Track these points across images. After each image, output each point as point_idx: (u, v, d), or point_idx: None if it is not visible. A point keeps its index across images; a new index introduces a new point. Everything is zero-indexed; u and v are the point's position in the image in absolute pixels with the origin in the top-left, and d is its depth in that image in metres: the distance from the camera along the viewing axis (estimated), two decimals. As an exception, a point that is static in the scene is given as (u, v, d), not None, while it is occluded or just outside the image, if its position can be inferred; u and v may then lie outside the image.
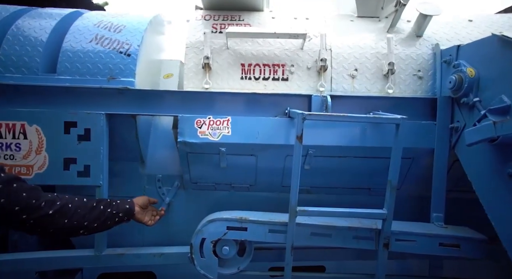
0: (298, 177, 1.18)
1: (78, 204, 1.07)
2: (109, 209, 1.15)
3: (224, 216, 1.29)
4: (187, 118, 1.35)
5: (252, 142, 1.34)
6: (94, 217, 1.10)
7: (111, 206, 1.16)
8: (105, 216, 1.13)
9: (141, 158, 1.55)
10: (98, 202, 1.14)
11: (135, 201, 1.26)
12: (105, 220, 1.14)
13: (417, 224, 1.31)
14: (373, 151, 1.37)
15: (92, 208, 1.11)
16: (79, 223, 1.06)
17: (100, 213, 1.12)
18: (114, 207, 1.17)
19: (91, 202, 1.12)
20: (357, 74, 1.47)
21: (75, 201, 1.07)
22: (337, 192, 1.55)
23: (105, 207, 1.14)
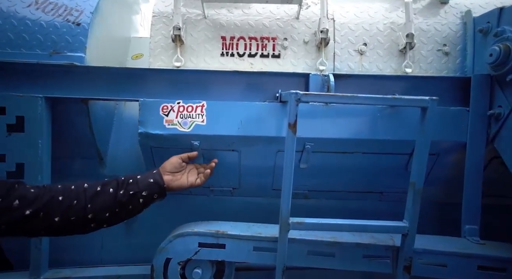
0: (291, 178, 0.89)
1: (75, 193, 0.83)
2: (122, 191, 0.88)
3: (195, 229, 0.99)
4: (150, 104, 1.05)
5: (233, 133, 1.05)
6: (101, 205, 0.85)
7: (124, 186, 0.89)
8: (119, 200, 0.87)
9: (99, 154, 1.25)
10: (105, 185, 0.88)
11: (161, 168, 0.98)
12: (122, 206, 0.87)
13: (445, 240, 1.02)
14: (388, 145, 1.07)
15: (95, 195, 0.85)
16: (78, 217, 0.82)
17: (109, 199, 0.86)
18: (130, 186, 0.89)
19: (94, 186, 0.86)
20: (366, 50, 1.18)
21: (70, 190, 0.84)
22: (341, 197, 1.26)
23: (116, 189, 0.88)
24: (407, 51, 1.13)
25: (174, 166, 0.99)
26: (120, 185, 0.89)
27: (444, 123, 1.04)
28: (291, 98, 0.85)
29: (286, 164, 0.88)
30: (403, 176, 1.15)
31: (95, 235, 1.22)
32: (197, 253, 0.98)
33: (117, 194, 0.87)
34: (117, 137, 1.33)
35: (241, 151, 1.10)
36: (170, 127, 1.05)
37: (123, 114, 1.37)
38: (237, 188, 1.24)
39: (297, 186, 1.23)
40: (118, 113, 1.37)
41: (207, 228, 1.00)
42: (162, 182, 0.94)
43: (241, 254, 0.98)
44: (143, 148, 1.11)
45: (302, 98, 0.85)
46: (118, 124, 1.35)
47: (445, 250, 0.93)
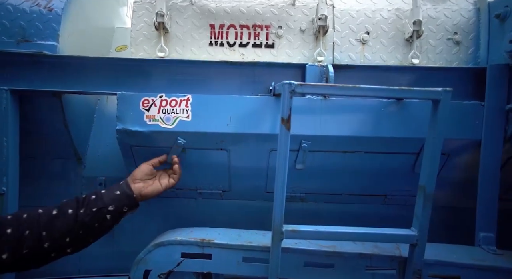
0: (285, 181, 0.78)
1: (27, 222, 0.73)
2: (83, 209, 0.78)
3: (178, 238, 0.89)
4: (129, 97, 0.94)
5: (222, 130, 0.94)
6: (59, 230, 0.75)
7: (85, 204, 0.79)
8: (81, 221, 0.77)
9: (77, 154, 1.14)
10: (63, 207, 0.78)
11: (130, 177, 0.89)
12: (86, 226, 0.78)
13: (457, 249, 0.91)
14: (393, 144, 0.97)
15: (51, 220, 0.75)
16: (32, 249, 0.72)
17: (68, 222, 0.76)
18: (92, 203, 0.80)
19: (49, 211, 0.76)
20: (369, 39, 1.07)
21: (21, 219, 0.73)
22: (341, 200, 1.15)
23: (75, 209, 0.78)
24: (414, 40, 1.03)
25: (145, 173, 0.91)
26: (81, 203, 0.79)
27: (456, 120, 0.93)
28: (285, 90, 0.74)
29: (279, 164, 0.77)
30: (410, 177, 1.05)
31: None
32: (179, 264, 0.87)
33: (77, 215, 0.77)
34: (98, 136, 1.23)
35: (230, 150, 1.00)
36: (151, 124, 0.94)
37: (105, 111, 1.26)
38: (227, 190, 1.13)
39: (293, 189, 1.13)
40: (100, 109, 1.26)
41: (191, 236, 0.89)
42: (130, 192, 0.85)
43: (229, 265, 0.87)
44: (122, 147, 1.00)
45: (296, 90, 0.74)
46: (99, 121, 1.25)
47: (458, 261, 0.83)
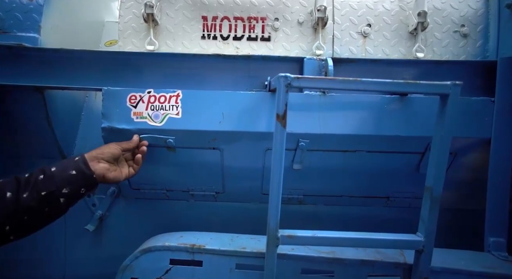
0: (280, 182, 0.72)
1: None
2: (27, 193, 0.66)
3: (166, 243, 0.83)
4: (115, 93, 0.89)
5: (214, 128, 0.88)
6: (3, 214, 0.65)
7: (31, 185, 0.68)
8: (25, 206, 0.66)
9: (62, 153, 1.08)
10: (3, 185, 0.67)
11: (93, 154, 0.79)
12: (32, 211, 0.67)
13: (466, 255, 0.85)
14: (397, 143, 0.91)
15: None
16: None
17: (6, 207, 0.65)
18: (41, 185, 0.68)
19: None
20: (370, 32, 1.01)
21: None
22: (341, 203, 1.09)
23: (16, 191, 0.67)
24: (419, 32, 0.97)
25: (113, 155, 0.81)
26: (23, 184, 0.68)
27: (464, 117, 0.88)
28: (280, 84, 0.68)
29: (274, 164, 0.71)
30: (414, 178, 1.00)
31: (56, 247, 1.07)
32: (168, 271, 0.81)
33: (19, 199, 0.66)
34: (85, 134, 1.17)
35: (223, 149, 0.94)
36: (139, 121, 0.88)
37: (94, 108, 1.20)
38: (221, 192, 1.07)
39: (291, 190, 1.07)
40: (88, 107, 1.20)
41: (181, 242, 0.83)
42: (89, 172, 0.75)
43: (221, 272, 0.81)
44: (109, 146, 0.94)
45: (293, 83, 0.68)
46: (87, 119, 1.19)
47: (467, 269, 0.77)
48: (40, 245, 1.10)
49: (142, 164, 0.88)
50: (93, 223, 1.08)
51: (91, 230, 1.07)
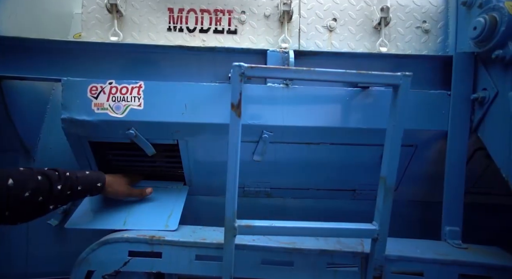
0: (236, 172, 0.73)
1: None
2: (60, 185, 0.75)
3: (125, 235, 0.82)
4: (76, 84, 0.87)
5: (176, 119, 0.87)
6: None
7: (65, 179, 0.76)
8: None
9: (24, 146, 1.06)
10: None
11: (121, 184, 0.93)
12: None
13: (422, 244, 0.87)
14: (360, 135, 0.93)
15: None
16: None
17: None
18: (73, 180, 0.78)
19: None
20: (336, 26, 1.02)
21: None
22: (309, 195, 1.10)
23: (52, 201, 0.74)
24: (382, 27, 0.99)
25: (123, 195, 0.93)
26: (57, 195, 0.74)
27: (422, 110, 0.90)
28: (234, 73, 0.68)
29: (230, 154, 0.71)
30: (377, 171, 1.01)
31: (18, 243, 1.04)
32: (126, 263, 0.80)
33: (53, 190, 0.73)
34: (50, 127, 1.14)
35: (187, 140, 0.93)
36: (99, 112, 0.87)
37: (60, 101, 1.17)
38: (186, 185, 1.06)
39: (258, 183, 1.07)
40: (54, 99, 1.18)
41: (140, 234, 0.82)
42: (102, 176, 0.87)
43: (181, 264, 0.81)
44: (70, 139, 0.92)
45: (247, 73, 0.68)
46: (53, 111, 1.16)
47: (421, 256, 0.79)
48: (0, 241, 1.07)
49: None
50: (57, 218, 1.05)
51: (54, 225, 1.05)
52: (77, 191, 0.78)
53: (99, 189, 0.85)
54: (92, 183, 0.83)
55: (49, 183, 0.72)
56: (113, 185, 0.89)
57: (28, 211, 0.70)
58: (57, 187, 0.73)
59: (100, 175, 0.87)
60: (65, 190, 0.75)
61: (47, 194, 0.71)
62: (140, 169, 1.03)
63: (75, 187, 0.78)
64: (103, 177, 0.86)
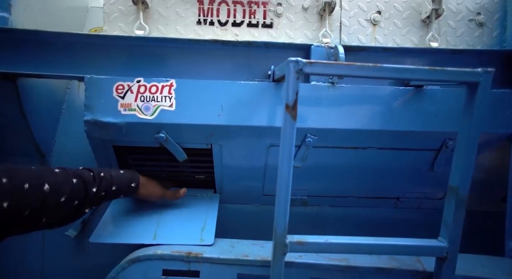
0: (289, 183, 0.64)
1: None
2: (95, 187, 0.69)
3: (158, 251, 0.73)
4: (100, 82, 0.78)
5: (212, 122, 0.79)
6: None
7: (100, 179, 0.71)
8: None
9: (39, 151, 0.97)
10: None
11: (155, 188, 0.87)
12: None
13: (485, 260, 0.79)
14: (412, 139, 0.84)
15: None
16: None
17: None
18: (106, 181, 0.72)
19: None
20: (380, 20, 0.94)
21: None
22: (347, 204, 1.02)
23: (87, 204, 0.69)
24: (433, 21, 0.90)
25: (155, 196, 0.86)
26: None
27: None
28: (290, 69, 0.60)
29: (282, 162, 0.63)
30: (426, 177, 0.93)
31: (34, 254, 0.96)
32: (160, 284, 0.71)
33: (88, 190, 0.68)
34: (67, 129, 1.06)
35: (221, 145, 0.84)
36: (127, 114, 0.78)
37: (76, 100, 1.09)
38: (217, 193, 0.98)
39: (294, 191, 0.98)
40: (70, 99, 1.09)
41: (175, 249, 0.74)
42: (136, 175, 0.81)
43: (221, 284, 0.72)
44: (92, 142, 0.83)
45: (305, 69, 0.60)
46: (69, 112, 1.07)
47: (493, 277, 0.70)
48: (14, 253, 0.98)
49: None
50: (75, 228, 0.97)
51: (73, 236, 0.96)
52: (111, 192, 0.72)
53: (133, 190, 0.78)
54: (126, 183, 0.76)
55: (84, 186, 0.66)
56: (146, 185, 0.82)
57: (64, 215, 0.64)
58: (92, 190, 0.67)
59: (134, 174, 0.80)
60: (99, 192, 0.69)
61: (82, 197, 0.66)
62: (166, 175, 0.94)
63: (109, 187, 0.71)
64: (137, 176, 0.80)
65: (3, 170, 0.54)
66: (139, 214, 0.87)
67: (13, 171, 0.55)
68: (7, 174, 0.53)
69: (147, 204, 0.90)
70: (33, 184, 0.56)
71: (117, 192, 0.74)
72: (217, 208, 0.91)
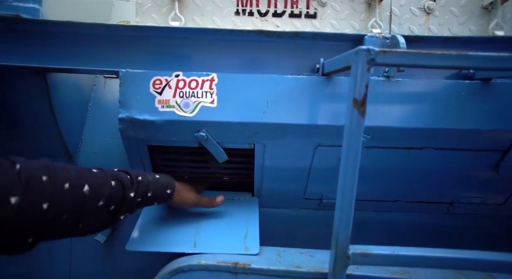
0: (354, 186, 0.57)
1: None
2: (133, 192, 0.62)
3: (202, 261, 0.66)
4: (136, 77, 0.72)
5: (256, 119, 0.72)
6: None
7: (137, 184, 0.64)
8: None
9: (67, 151, 0.92)
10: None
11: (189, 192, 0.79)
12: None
13: None
14: (475, 138, 0.76)
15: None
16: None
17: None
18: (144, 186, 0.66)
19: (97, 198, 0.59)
20: (435, 8, 0.86)
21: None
22: (394, 208, 0.94)
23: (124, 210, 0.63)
24: (498, 6, 0.82)
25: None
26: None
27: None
28: (359, 59, 0.52)
29: (348, 164, 0.55)
30: (487, 180, 0.85)
31: (61, 261, 0.91)
32: (205, 297, 0.65)
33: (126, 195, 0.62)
34: (93, 129, 1.00)
35: (265, 144, 0.78)
36: (164, 111, 0.72)
37: (102, 98, 1.04)
38: (255, 196, 0.91)
39: (338, 194, 0.91)
40: (96, 97, 1.04)
41: (220, 259, 0.67)
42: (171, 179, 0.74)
43: (272, 298, 0.65)
44: (127, 143, 0.78)
45: (378, 59, 0.52)
46: (95, 111, 1.02)
47: None
48: (41, 259, 0.93)
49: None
50: (104, 233, 0.91)
51: (103, 242, 0.91)
52: (146, 198, 0.65)
53: (167, 197, 0.71)
54: (162, 189, 0.70)
55: (122, 190, 0.59)
56: (181, 192, 0.75)
57: (100, 221, 0.57)
58: (130, 194, 0.60)
59: (170, 180, 0.73)
60: (136, 197, 0.62)
61: (120, 202, 0.59)
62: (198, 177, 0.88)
63: (145, 193, 0.65)
64: (173, 182, 0.73)
65: (42, 166, 0.48)
66: (175, 219, 0.81)
67: (53, 168, 0.49)
68: (47, 171, 0.47)
69: (181, 209, 0.84)
70: (74, 185, 0.50)
71: (152, 198, 0.67)
72: (258, 212, 0.84)
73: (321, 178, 0.86)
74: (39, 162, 0.48)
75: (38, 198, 0.44)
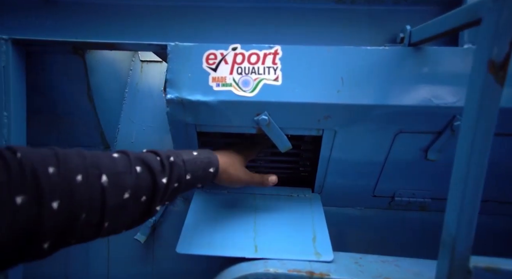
0: (482, 180, 0.43)
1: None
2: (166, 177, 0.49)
3: (271, 269, 0.55)
4: (187, 50, 0.62)
5: (328, 100, 0.60)
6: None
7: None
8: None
9: (104, 141, 0.83)
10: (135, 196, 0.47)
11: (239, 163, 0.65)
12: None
13: None
14: None
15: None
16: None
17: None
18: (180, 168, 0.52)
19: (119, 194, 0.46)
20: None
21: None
22: (482, 210, 0.77)
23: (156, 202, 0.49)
24: None
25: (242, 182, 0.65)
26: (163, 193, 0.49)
27: None
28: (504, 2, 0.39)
29: (472, 152, 0.42)
30: None
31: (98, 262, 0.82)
32: (272, 315, 0.53)
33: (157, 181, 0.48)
34: (130, 117, 0.92)
35: (336, 132, 0.65)
36: (220, 90, 0.61)
37: (140, 84, 0.95)
38: (315, 192, 0.79)
39: (415, 192, 0.78)
40: (132, 82, 0.95)
41: (291, 267, 0.55)
42: (213, 156, 0.60)
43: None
44: (174, 128, 0.67)
45: (527, 6, 0.38)
46: (132, 97, 0.93)
47: None
48: (77, 259, 0.86)
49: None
50: (144, 232, 0.82)
51: (143, 241, 0.82)
52: (185, 182, 0.52)
53: (211, 177, 0.58)
54: (203, 168, 0.56)
55: (151, 176, 0.47)
56: (228, 169, 0.61)
57: (131, 217, 0.45)
58: (162, 180, 0.48)
59: (211, 155, 0.59)
60: (171, 183, 0.49)
61: (151, 191, 0.47)
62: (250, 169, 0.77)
63: (182, 176, 0.51)
64: (215, 158, 0.59)
65: (49, 155, 0.36)
66: (227, 218, 0.70)
67: (62, 157, 0.37)
68: (55, 161, 0.36)
69: (234, 206, 0.73)
70: (88, 175, 0.39)
71: (192, 181, 0.54)
72: (323, 211, 0.72)
73: (396, 171, 0.73)
74: (44, 150, 0.37)
75: (45, 196, 0.34)
